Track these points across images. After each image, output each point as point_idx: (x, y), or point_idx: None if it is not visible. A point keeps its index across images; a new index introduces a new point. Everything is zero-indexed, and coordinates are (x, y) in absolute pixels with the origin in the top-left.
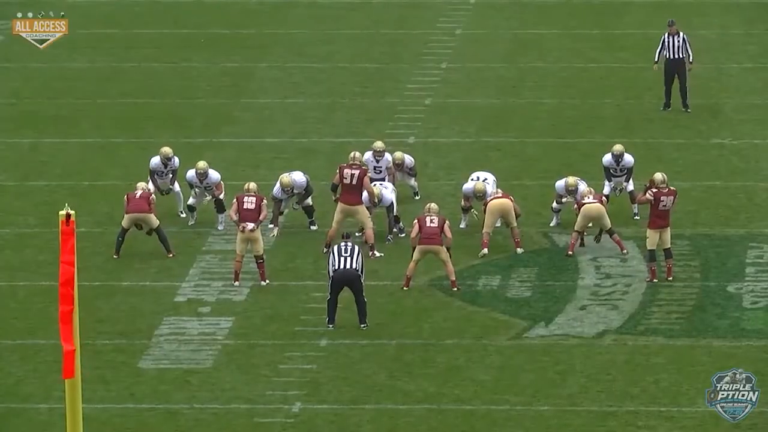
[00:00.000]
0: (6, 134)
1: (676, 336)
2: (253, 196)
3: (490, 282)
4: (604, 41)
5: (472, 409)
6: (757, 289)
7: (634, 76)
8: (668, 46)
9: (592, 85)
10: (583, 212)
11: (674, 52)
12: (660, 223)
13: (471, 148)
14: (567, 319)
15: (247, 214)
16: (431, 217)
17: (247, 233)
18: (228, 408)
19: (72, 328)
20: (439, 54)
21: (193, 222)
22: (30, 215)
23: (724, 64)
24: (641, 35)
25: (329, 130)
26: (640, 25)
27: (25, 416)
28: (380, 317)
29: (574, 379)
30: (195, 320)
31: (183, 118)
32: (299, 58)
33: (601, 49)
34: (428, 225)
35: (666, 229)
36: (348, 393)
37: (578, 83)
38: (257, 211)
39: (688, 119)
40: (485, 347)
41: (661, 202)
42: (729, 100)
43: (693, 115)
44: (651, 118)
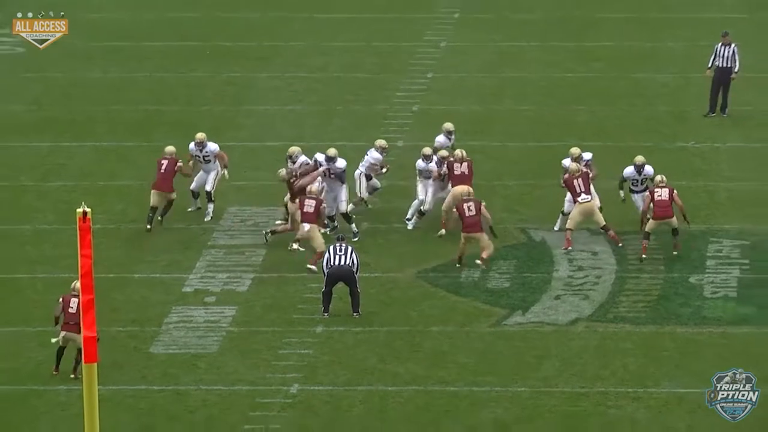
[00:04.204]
0: (27, 138)
1: (643, 323)
2: (313, 199)
3: (472, 274)
4: (578, 53)
5: (456, 390)
6: (717, 281)
7: (606, 85)
8: (720, 55)
9: (567, 93)
10: (578, 209)
11: (725, 61)
12: (659, 213)
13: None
14: (542, 308)
15: (306, 216)
16: (468, 205)
17: (304, 234)
18: (232, 389)
19: (92, 315)
20: (425, 65)
21: (194, 209)
22: (49, 213)
23: (690, 74)
24: (613, 47)
25: (325, 134)
26: (611, 38)
27: (45, 397)
28: (371, 306)
29: (549, 362)
30: (201, 309)
31: (190, 124)
32: (297, 69)
33: (576, 60)
34: (467, 214)
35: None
36: (342, 376)
37: (555, 91)
38: (315, 214)
39: (656, 125)
40: (468, 334)
41: (656, 193)
42: (693, 107)
43: (660, 121)
44: (623, 124)
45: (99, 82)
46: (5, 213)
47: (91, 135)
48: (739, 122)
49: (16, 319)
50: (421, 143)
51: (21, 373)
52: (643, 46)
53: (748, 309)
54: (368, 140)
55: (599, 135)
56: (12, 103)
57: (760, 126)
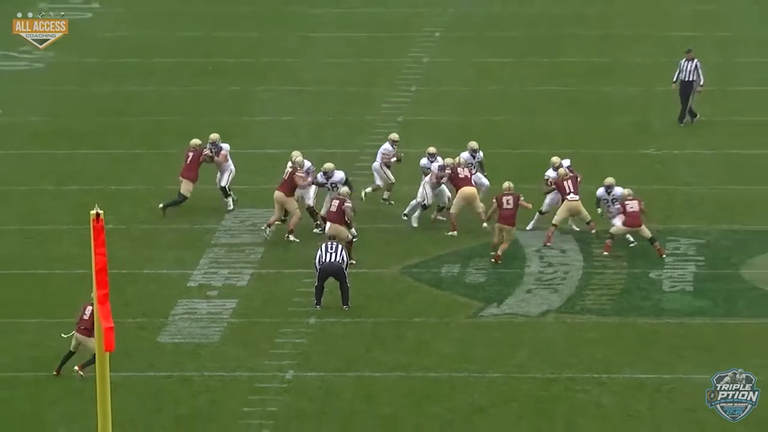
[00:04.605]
0: (45, 146)
1: (607, 315)
2: (337, 199)
3: (452, 269)
4: (551, 68)
5: (437, 376)
6: (675, 276)
7: (577, 98)
8: (684, 69)
9: (541, 105)
10: (566, 206)
11: (688, 75)
12: (629, 222)
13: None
14: (516, 301)
15: (330, 215)
16: (507, 198)
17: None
18: (233, 375)
19: (108, 308)
20: (409, 79)
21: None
22: (65, 214)
23: (653, 87)
24: (583, 63)
25: (318, 142)
26: (582, 55)
27: (62, 383)
28: (359, 300)
29: (521, 351)
30: (204, 302)
31: (194, 133)
32: (292, 83)
33: (549, 75)
34: (505, 207)
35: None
36: (333, 363)
37: (529, 104)
38: (338, 213)
39: (621, 134)
40: (447, 324)
41: (628, 205)
42: (655, 117)
43: (625, 130)
44: (591, 133)
45: (111, 95)
46: (26, 214)
47: (103, 144)
48: (695, 131)
49: (36, 312)
50: (405, 150)
51: (41, 361)
52: (610, 62)
53: (703, 302)
54: (358, 147)
55: (570, 143)
56: (31, 114)
57: (713, 135)
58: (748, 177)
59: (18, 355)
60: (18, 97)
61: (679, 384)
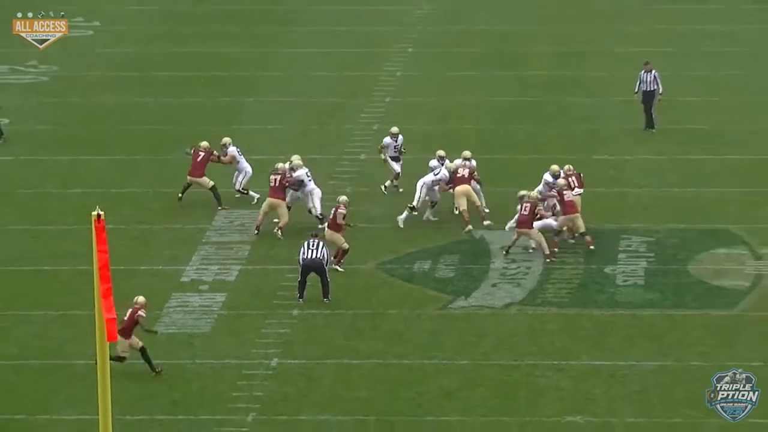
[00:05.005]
0: (51, 153)
1: (566, 307)
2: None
3: (423, 266)
4: (515, 81)
5: (410, 363)
6: (627, 271)
7: (538, 108)
8: (644, 80)
9: (506, 115)
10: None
11: (648, 85)
12: (568, 210)
13: (410, 164)
14: (482, 294)
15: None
16: (525, 205)
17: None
18: (222, 363)
19: (111, 301)
20: (384, 91)
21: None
22: (69, 215)
23: (608, 98)
24: (545, 76)
25: (302, 149)
26: (544, 69)
27: (66, 370)
28: (338, 293)
29: (487, 340)
30: (196, 295)
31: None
32: (279, 94)
33: (513, 87)
34: (521, 213)
35: (577, 217)
36: (314, 351)
37: (495, 113)
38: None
39: (579, 141)
40: (419, 316)
41: (565, 195)
42: (609, 126)
43: (582, 138)
44: (552, 141)
45: (112, 106)
46: (33, 215)
47: (104, 150)
48: (645, 138)
49: (42, 305)
50: (380, 157)
51: (47, 349)
52: (569, 75)
53: (653, 295)
54: (338, 154)
55: (532, 150)
56: (39, 123)
57: (662, 142)
58: (694, 180)
59: (25, 344)
60: (25, 107)
61: (631, 370)
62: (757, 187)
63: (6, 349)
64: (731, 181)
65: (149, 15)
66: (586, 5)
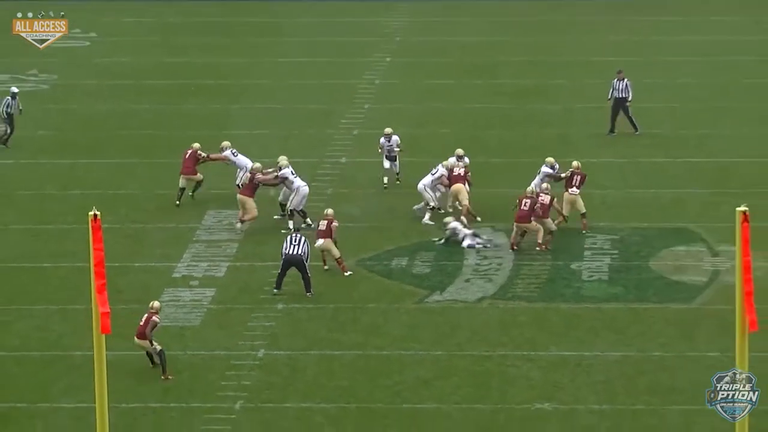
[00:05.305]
0: (52, 157)
1: (535, 301)
2: (326, 219)
3: (400, 262)
4: (487, 89)
5: (388, 354)
6: (593, 267)
7: (508, 114)
8: (616, 88)
9: (478, 120)
10: (567, 199)
11: (620, 92)
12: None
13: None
14: (456, 289)
15: (319, 233)
16: (525, 201)
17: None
18: (212, 354)
19: (105, 296)
20: (364, 98)
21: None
22: (69, 215)
23: (574, 105)
24: (514, 84)
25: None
26: (513, 78)
27: (65, 361)
28: (321, 288)
29: (460, 332)
30: (187, 290)
31: (181, 145)
32: (264, 102)
33: (485, 95)
34: (521, 208)
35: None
36: (298, 343)
37: (468, 119)
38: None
39: (547, 145)
40: (397, 309)
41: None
42: (575, 131)
43: (550, 142)
44: (521, 144)
45: (109, 113)
46: (34, 215)
47: (101, 154)
48: (610, 142)
49: (43, 300)
50: (359, 159)
51: (46, 341)
52: (536, 84)
53: (616, 289)
54: (320, 157)
55: (503, 153)
56: (39, 129)
57: (626, 146)
58: (655, 182)
59: (27, 336)
60: (26, 114)
61: (596, 360)
62: (715, 188)
63: (8, 341)
64: (690, 182)
65: (143, 27)
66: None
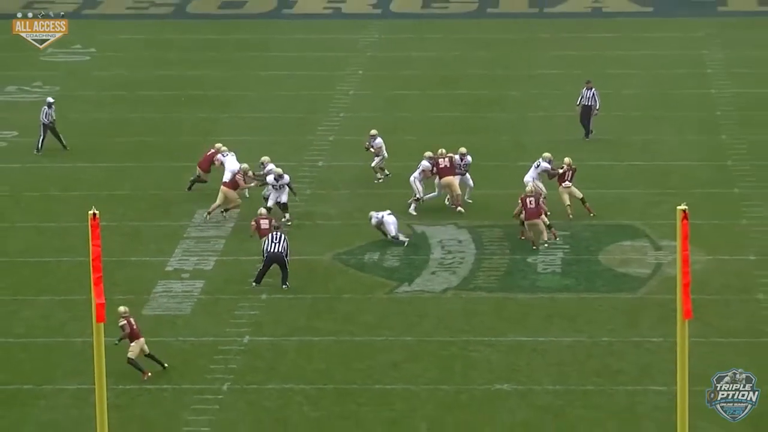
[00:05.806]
0: (54, 161)
1: (495, 291)
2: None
3: (373, 256)
4: (449, 99)
5: (362, 340)
6: (547, 260)
7: (468, 122)
8: (584, 96)
9: (441, 128)
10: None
11: (587, 101)
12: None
13: (361, 169)
14: (423, 281)
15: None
16: (530, 198)
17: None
18: (201, 340)
19: (102, 287)
20: (339, 107)
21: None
22: (70, 214)
23: (526, 114)
24: (473, 95)
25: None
26: (472, 89)
27: (66, 348)
28: (300, 281)
29: (427, 320)
30: (179, 282)
31: (173, 151)
32: (250, 111)
33: (447, 104)
34: (529, 206)
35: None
36: (280, 330)
37: (432, 127)
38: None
39: (502, 150)
40: (370, 299)
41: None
42: (530, 138)
43: (505, 147)
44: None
45: (106, 121)
46: (38, 214)
47: (100, 159)
48: (562, 148)
49: (46, 292)
50: (336, 163)
51: (50, 329)
52: (493, 94)
53: (569, 280)
54: (299, 161)
55: None
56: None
57: (576, 151)
58: (604, 183)
59: (32, 325)
60: (31, 122)
61: (550, 345)
62: (656, 189)
63: (15, 328)
64: (634, 183)
65: (138, 43)
66: (508, 37)
